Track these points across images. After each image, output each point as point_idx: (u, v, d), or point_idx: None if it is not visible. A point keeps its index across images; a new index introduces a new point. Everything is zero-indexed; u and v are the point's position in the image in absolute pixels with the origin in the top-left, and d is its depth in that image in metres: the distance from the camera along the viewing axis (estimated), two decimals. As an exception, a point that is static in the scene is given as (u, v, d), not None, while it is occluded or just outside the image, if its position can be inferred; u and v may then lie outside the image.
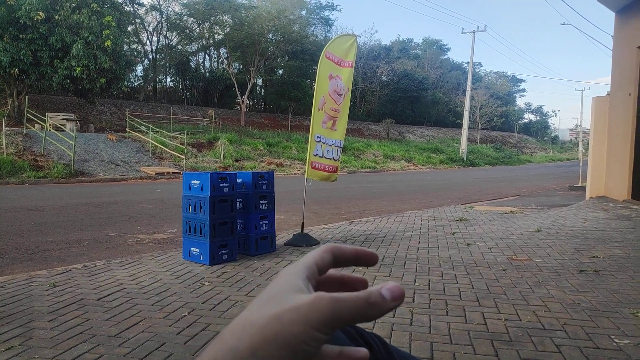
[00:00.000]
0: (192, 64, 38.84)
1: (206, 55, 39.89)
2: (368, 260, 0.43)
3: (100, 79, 20.59)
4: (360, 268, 4.23)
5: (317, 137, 5.56)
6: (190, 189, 4.56)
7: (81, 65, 19.66)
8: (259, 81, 39.67)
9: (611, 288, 3.58)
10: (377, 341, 0.72)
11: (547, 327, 2.78)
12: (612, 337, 2.64)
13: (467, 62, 39.51)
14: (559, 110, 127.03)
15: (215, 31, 34.78)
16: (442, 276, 3.97)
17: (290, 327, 0.34)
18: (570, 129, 77.14)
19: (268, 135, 28.43)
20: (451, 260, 4.54)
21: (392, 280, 3.84)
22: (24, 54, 18.57)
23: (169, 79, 40.34)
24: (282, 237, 5.69)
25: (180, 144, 20.96)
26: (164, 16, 34.84)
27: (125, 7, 26.28)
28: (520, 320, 2.91)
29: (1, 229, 6.42)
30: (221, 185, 4.50)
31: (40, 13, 18.30)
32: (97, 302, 3.27)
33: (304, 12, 38.73)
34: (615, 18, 9.70)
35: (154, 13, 34.95)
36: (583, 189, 11.19)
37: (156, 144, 20.61)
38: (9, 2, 18.10)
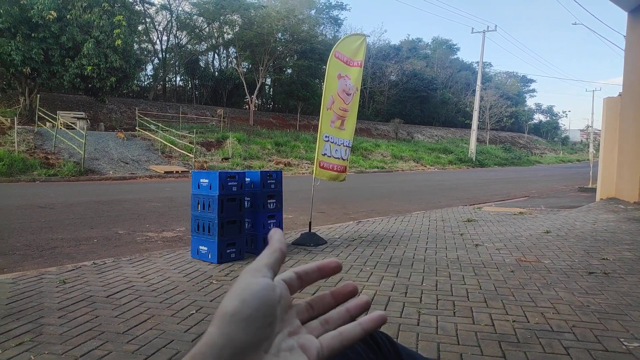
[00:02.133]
0: (202, 63, 39.02)
1: (215, 55, 40.05)
2: (331, 270, 0.46)
3: (111, 77, 20.75)
4: (368, 269, 4.23)
5: (326, 136, 5.57)
6: (199, 188, 4.58)
7: (92, 64, 19.82)
8: (268, 80, 39.74)
9: (621, 290, 3.55)
10: (386, 339, 0.72)
11: (556, 329, 2.76)
12: (622, 340, 2.61)
13: (477, 62, 39.30)
14: (569, 111, 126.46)
15: (225, 30, 34.91)
16: (449, 277, 3.96)
17: (236, 284, 0.41)
18: (581, 130, 76.45)
19: (276, 135, 28.47)
20: (459, 261, 4.52)
21: (399, 279, 3.83)
22: (36, 52, 18.75)
23: (178, 78, 40.57)
24: (289, 236, 5.70)
25: (189, 142, 21.06)
26: (174, 15, 35.03)
27: (136, 7, 26.44)
28: (528, 321, 2.89)
29: (12, 226, 6.49)
30: (230, 184, 4.52)
31: (52, 12, 18.46)
32: (106, 299, 3.30)
33: (313, 12, 38.72)
34: (627, 18, 9.60)
35: (164, 12, 35.18)
36: (593, 190, 11.09)
37: (165, 142, 20.73)
38: (21, 2, 18.29)
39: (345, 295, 0.47)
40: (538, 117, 74.36)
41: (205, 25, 35.45)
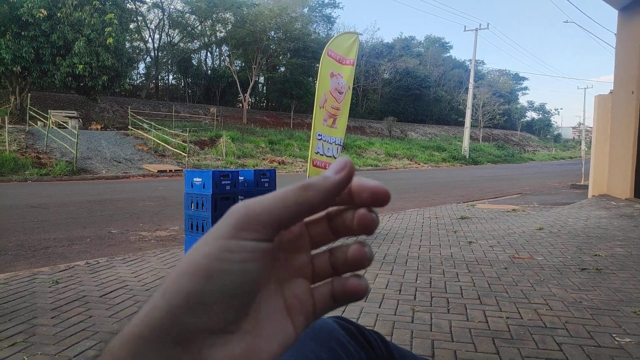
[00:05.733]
0: (194, 62, 38.88)
1: (208, 53, 39.94)
2: (380, 197, 0.32)
3: (103, 76, 20.62)
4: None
5: (319, 135, 5.57)
6: (192, 187, 4.57)
7: (83, 62, 19.68)
8: (261, 79, 39.71)
9: (613, 286, 3.58)
10: (377, 338, 0.72)
11: (549, 326, 2.78)
12: (614, 335, 2.64)
13: (470, 60, 39.41)
14: (561, 109, 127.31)
15: (217, 29, 34.83)
16: (443, 274, 3.97)
17: (197, 251, 0.29)
18: (573, 127, 76.95)
19: (270, 133, 28.44)
20: (453, 258, 4.54)
21: (394, 277, 3.84)
22: (26, 51, 18.60)
23: (171, 77, 40.41)
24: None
25: (183, 141, 20.98)
26: (166, 13, 34.88)
27: (128, 5, 26.27)
28: (522, 318, 2.91)
29: (4, 226, 6.44)
30: (223, 182, 4.50)
31: (42, 10, 18.31)
32: (99, 299, 3.28)
33: (306, 10, 38.67)
34: (618, 15, 9.66)
35: (156, 10, 35.03)
36: (585, 187, 11.16)
37: (158, 141, 20.63)
38: (11, 0, 18.12)
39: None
40: (530, 115, 74.88)
41: (198, 24, 35.32)
